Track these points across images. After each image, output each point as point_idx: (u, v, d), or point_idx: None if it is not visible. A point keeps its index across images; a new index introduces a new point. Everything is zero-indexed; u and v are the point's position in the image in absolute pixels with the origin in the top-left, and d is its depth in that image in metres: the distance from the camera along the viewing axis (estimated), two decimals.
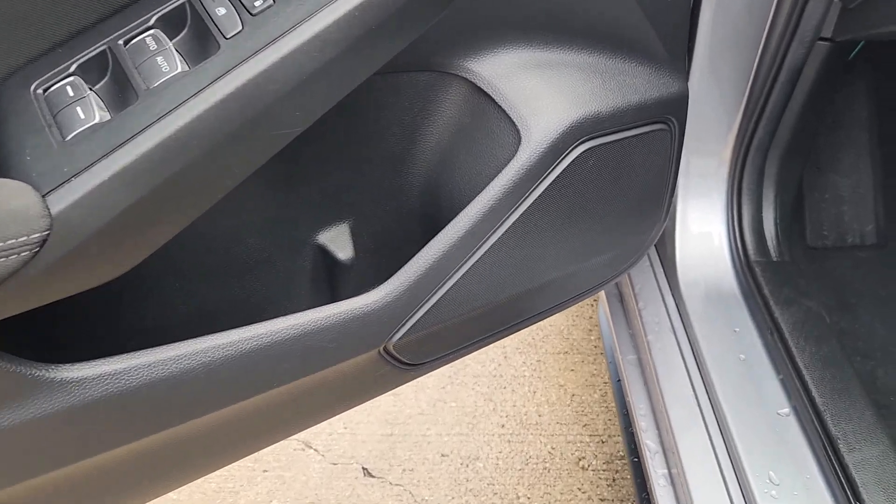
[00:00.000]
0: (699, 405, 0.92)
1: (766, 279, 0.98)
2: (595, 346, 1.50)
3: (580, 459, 1.31)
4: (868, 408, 0.84)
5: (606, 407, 1.40)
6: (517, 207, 0.70)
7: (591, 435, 1.35)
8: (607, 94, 0.72)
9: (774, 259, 1.01)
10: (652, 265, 1.07)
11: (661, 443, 0.96)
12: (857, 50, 1.03)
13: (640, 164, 0.79)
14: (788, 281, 0.99)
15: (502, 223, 0.70)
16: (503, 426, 1.37)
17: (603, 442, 1.34)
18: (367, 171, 0.75)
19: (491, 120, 0.70)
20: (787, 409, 0.87)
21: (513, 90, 0.69)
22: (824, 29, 0.88)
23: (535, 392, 1.43)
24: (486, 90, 0.70)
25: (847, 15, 0.85)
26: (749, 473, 0.82)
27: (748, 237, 1.02)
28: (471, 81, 0.70)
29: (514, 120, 0.68)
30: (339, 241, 0.75)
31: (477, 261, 0.71)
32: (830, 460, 0.81)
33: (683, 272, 1.02)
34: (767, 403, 0.89)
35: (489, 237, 0.70)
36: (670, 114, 0.78)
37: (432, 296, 0.70)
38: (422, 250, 0.68)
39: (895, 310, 1.13)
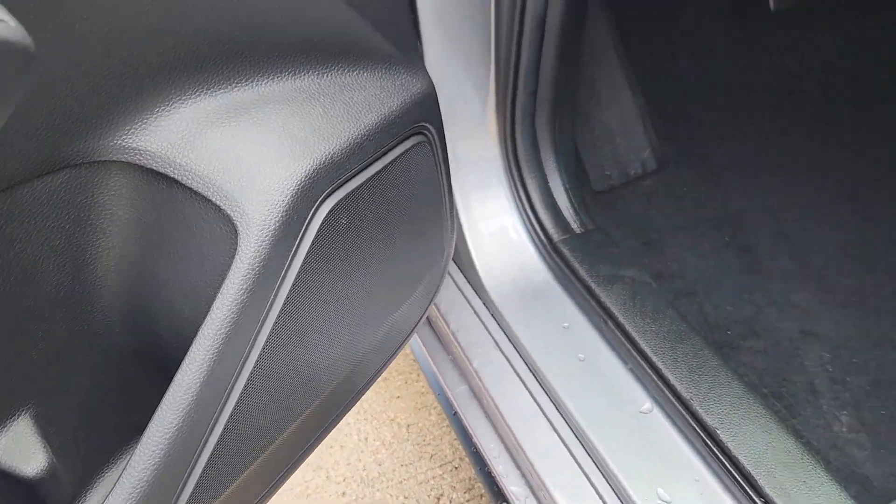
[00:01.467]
0: (556, 431, 0.78)
1: (578, 259, 0.85)
2: (413, 361, 1.34)
3: (439, 498, 1.15)
4: (733, 379, 0.75)
5: (447, 426, 1.25)
6: (269, 311, 0.49)
7: (441, 465, 1.19)
8: (335, 125, 0.52)
9: (578, 232, 0.89)
10: (454, 280, 0.91)
11: (528, 484, 0.81)
12: None
13: (406, 190, 0.61)
14: (600, 253, 0.87)
15: (256, 338, 0.49)
16: (344, 494, 1.17)
17: (456, 468, 1.19)
18: (35, 333, 0.49)
19: (184, 209, 0.48)
20: (648, 405, 0.76)
21: (201, 160, 0.47)
22: None
23: (366, 438, 1.24)
24: (161, 170, 0.47)
25: None
26: (636, 498, 0.70)
27: (544, 217, 0.88)
28: (136, 164, 0.47)
29: (217, 202, 0.47)
30: (17, 451, 0.50)
31: (242, 394, 0.49)
32: (715, 454, 0.70)
33: (489, 281, 0.86)
34: (626, 404, 0.77)
35: (246, 359, 0.49)
36: (423, 120, 0.60)
37: (189, 475, 0.48)
38: (149, 427, 0.45)
39: (694, 234, 1.07)
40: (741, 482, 0.68)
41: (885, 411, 0.87)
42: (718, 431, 0.70)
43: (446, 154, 0.67)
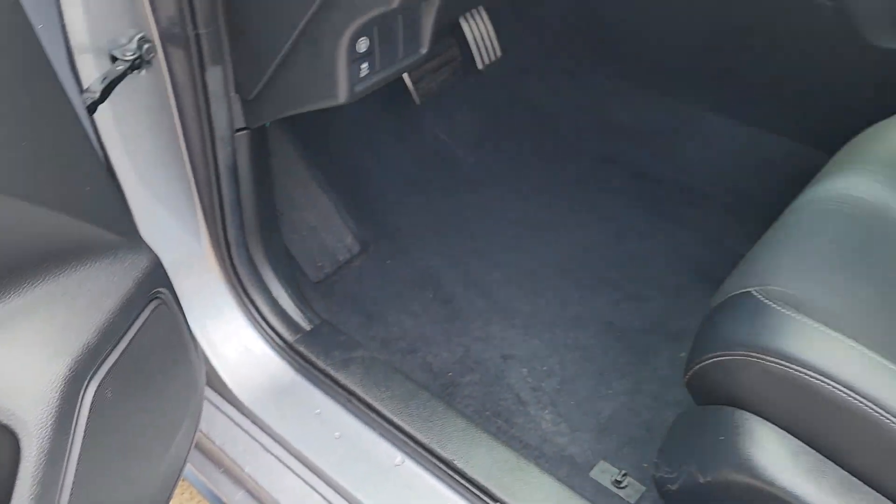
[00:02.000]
0: (330, 502, 0.91)
1: (315, 353, 0.99)
2: (189, 486, 1.37)
3: None
4: (459, 415, 0.93)
5: None
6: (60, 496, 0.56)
7: None
8: (82, 318, 0.60)
9: (308, 329, 1.03)
10: (212, 402, 1.00)
11: None
12: None
13: (156, 348, 0.70)
14: (331, 342, 1.02)
15: None
16: None
17: None
18: None
19: None
20: (399, 458, 0.92)
21: None
22: (236, 122, 0.89)
23: None
24: None
25: (250, 106, 0.87)
26: None
27: (275, 324, 1.01)
28: None
29: None
30: None
31: None
32: (457, 480, 0.88)
33: (242, 393, 0.97)
34: (381, 462, 0.92)
35: None
36: (155, 287, 0.70)
37: None
38: None
39: (405, 299, 1.27)
40: (481, 496, 0.86)
41: (573, 401, 1.13)
42: (455, 462, 0.88)
43: (180, 304, 0.77)
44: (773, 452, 0.73)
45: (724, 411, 0.78)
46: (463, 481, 0.87)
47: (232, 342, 0.99)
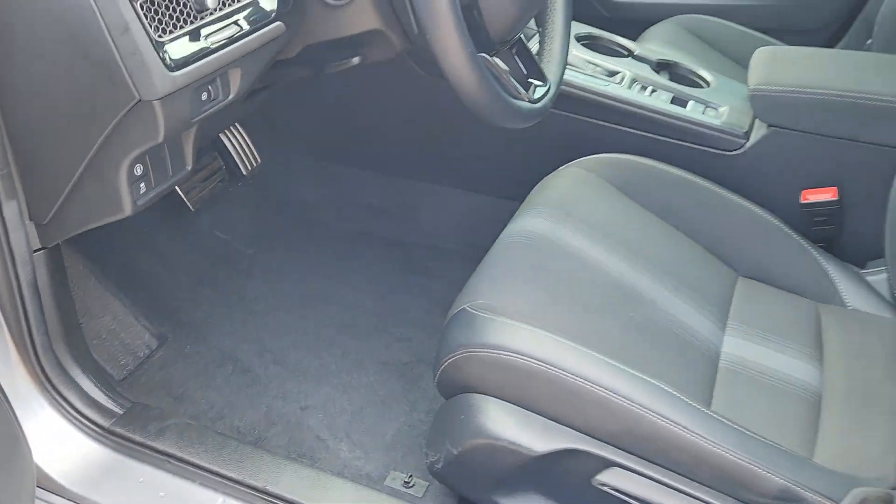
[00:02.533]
0: None
1: (130, 430, 1.14)
2: None
3: None
4: (266, 453, 1.14)
5: None
6: None
7: None
8: None
9: (121, 412, 1.18)
10: (41, 499, 1.10)
11: None
12: None
13: None
14: (144, 417, 1.17)
15: None
16: None
17: None
18: None
19: None
20: (221, 499, 1.09)
21: None
22: (33, 244, 1.05)
23: None
24: None
25: (45, 228, 1.04)
26: None
27: (90, 414, 1.15)
28: None
29: None
30: None
31: None
32: (261, 497, 1.08)
33: (70, 482, 1.08)
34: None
35: None
36: None
37: None
38: None
39: (208, 374, 1.44)
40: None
41: (364, 430, 1.36)
42: (268, 487, 1.07)
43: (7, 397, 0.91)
44: (495, 417, 1.02)
45: (461, 397, 1.06)
46: (277, 501, 1.06)
47: (51, 438, 1.12)
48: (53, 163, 0.95)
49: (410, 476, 1.25)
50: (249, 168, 1.72)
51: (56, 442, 1.11)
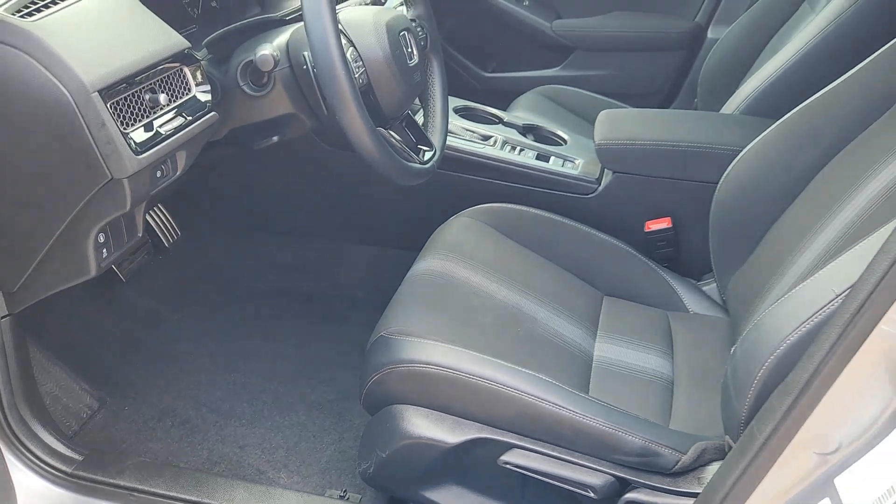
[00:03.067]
0: None
1: (93, 471, 1.28)
2: None
3: None
4: (218, 477, 1.30)
5: None
6: None
7: None
8: None
9: (81, 458, 1.31)
10: None
11: None
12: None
13: None
14: (104, 461, 1.31)
15: None
16: None
17: None
18: None
19: None
20: None
21: None
22: (1, 310, 1.20)
23: None
24: None
25: (12, 295, 1.19)
26: None
27: (54, 462, 1.27)
28: None
29: None
30: None
31: None
32: None
33: None
34: None
35: None
36: None
37: None
38: None
39: (148, 431, 1.58)
40: None
41: (300, 460, 1.53)
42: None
43: None
44: (415, 421, 1.23)
45: (386, 410, 1.27)
46: None
47: (22, 489, 1.24)
48: (25, 236, 1.11)
49: (345, 490, 1.43)
50: (171, 240, 1.89)
51: (27, 492, 1.23)
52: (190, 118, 1.16)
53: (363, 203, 1.95)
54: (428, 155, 1.44)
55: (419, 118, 1.58)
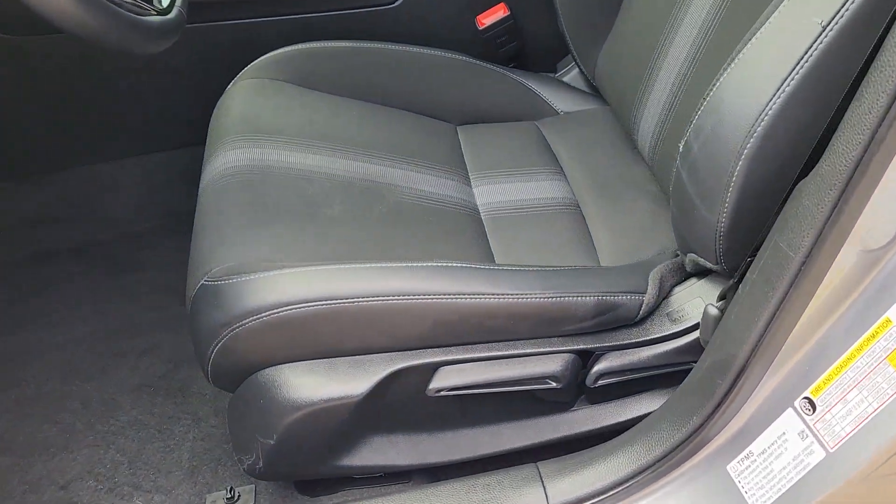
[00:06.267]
0: None
1: None
2: None
3: None
4: None
5: None
6: None
7: None
8: None
9: None
10: None
11: None
12: None
13: None
14: None
15: None
16: None
17: None
18: None
19: None
20: None
21: None
22: None
23: None
24: None
25: None
26: None
27: None
28: None
29: None
30: None
31: None
32: None
33: None
34: None
35: None
36: None
37: None
38: None
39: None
40: None
41: (152, 472, 1.13)
42: None
43: None
44: (298, 383, 0.86)
45: (250, 381, 0.89)
46: None
47: None
48: None
49: (231, 489, 1.06)
50: None
51: None
52: None
53: (102, 99, 1.40)
54: None
55: None
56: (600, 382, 0.93)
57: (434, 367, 0.88)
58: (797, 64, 0.69)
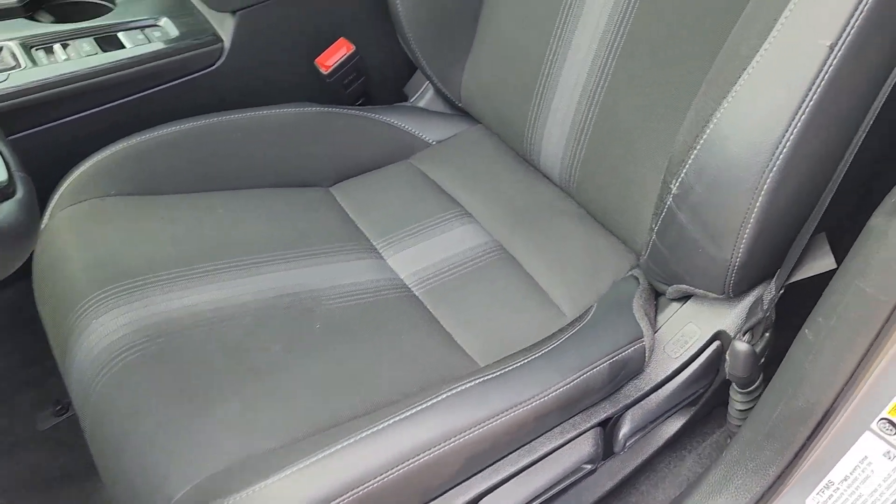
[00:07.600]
0: None
1: None
2: None
3: None
4: None
5: None
6: None
7: None
8: None
9: None
10: None
11: None
12: None
13: None
14: None
15: None
16: None
17: None
18: None
19: None
20: None
21: None
22: None
23: None
24: None
25: None
26: None
27: None
28: None
29: None
30: None
31: None
32: None
33: None
34: None
35: None
36: None
37: None
38: None
39: None
40: None
41: None
42: None
43: None
44: None
45: None
46: None
47: None
48: None
49: None
50: None
51: None
52: None
53: None
54: None
55: None
56: (629, 444, 0.86)
57: (477, 499, 0.75)
58: (809, 90, 0.64)
